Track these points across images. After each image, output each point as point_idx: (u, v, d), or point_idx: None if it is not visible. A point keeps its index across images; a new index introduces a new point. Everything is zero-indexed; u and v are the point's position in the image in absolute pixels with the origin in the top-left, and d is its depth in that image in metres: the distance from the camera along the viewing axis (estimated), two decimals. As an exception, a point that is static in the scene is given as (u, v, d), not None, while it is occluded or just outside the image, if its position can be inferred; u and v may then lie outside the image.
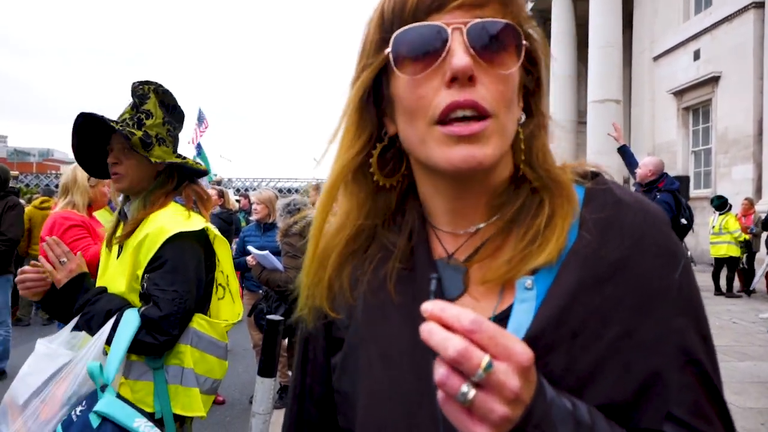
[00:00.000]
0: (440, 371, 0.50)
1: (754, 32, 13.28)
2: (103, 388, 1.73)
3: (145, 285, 1.94)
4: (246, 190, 26.47)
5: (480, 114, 0.63)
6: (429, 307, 0.51)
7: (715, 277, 10.71)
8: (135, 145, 1.96)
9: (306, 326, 0.86)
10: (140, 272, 1.95)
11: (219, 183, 11.81)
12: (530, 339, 0.62)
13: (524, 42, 0.67)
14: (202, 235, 2.05)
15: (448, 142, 0.64)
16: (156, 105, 2.10)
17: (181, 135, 2.24)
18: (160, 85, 2.15)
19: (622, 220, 0.68)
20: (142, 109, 2.06)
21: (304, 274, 0.82)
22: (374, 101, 0.75)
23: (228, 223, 6.78)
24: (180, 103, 2.23)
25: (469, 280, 0.72)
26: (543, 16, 21.04)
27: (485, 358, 0.48)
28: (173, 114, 2.18)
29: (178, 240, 1.95)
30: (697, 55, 15.28)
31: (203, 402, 2.06)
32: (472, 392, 0.49)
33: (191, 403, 2.00)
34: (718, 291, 10.58)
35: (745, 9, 13.51)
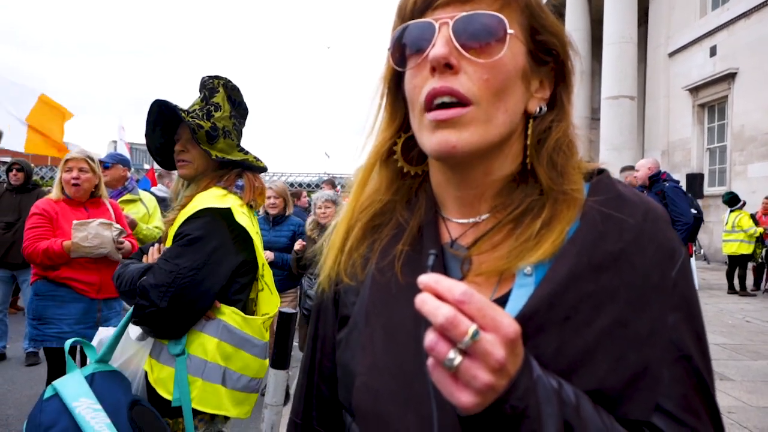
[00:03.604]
0: (430, 337, 0.53)
1: (772, 28, 13.09)
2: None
3: None
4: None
5: (460, 101, 0.68)
6: (424, 279, 0.54)
7: (730, 276, 10.60)
8: (200, 139, 2.04)
9: (320, 299, 0.90)
10: None
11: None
12: (522, 318, 0.64)
13: (510, 31, 0.69)
14: (227, 213, 1.99)
15: (431, 127, 0.70)
16: (224, 99, 2.17)
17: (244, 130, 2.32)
18: (229, 81, 2.22)
19: (623, 215, 0.70)
20: (212, 102, 2.14)
21: (332, 243, 0.87)
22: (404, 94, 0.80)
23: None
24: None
25: (469, 266, 0.75)
26: (558, 12, 20.73)
27: (472, 327, 0.51)
28: (239, 109, 2.25)
29: (201, 215, 1.95)
30: (713, 51, 15.10)
31: (236, 400, 2.00)
32: (458, 359, 0.52)
33: (210, 399, 1.93)
34: (731, 289, 10.48)
35: (763, 5, 13.31)
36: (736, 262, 10.56)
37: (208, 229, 1.94)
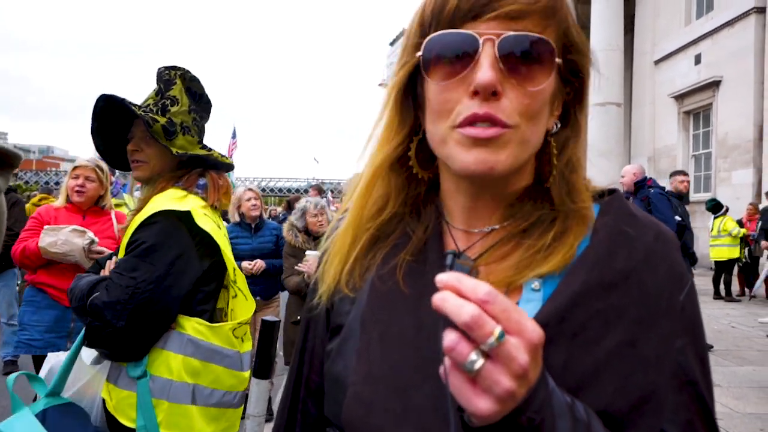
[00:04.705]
0: (450, 337, 0.49)
1: (755, 37, 13.28)
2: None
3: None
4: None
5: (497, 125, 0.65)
6: (445, 277, 0.51)
7: (716, 282, 10.71)
8: (156, 134, 1.81)
9: (312, 311, 0.86)
10: None
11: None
12: None
13: (558, 60, 0.67)
14: (187, 217, 1.76)
15: (466, 143, 0.66)
16: (182, 91, 1.96)
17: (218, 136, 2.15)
18: (188, 71, 2.01)
19: (634, 234, 0.69)
20: (167, 95, 1.93)
21: (335, 252, 0.82)
22: (412, 96, 0.77)
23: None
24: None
25: (476, 277, 0.71)
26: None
27: (497, 328, 0.48)
28: (200, 103, 2.04)
29: (156, 220, 1.72)
30: (698, 60, 15.29)
31: (209, 417, 1.80)
32: (480, 361, 0.49)
33: (179, 422, 1.72)
34: (717, 295, 10.58)
35: (746, 14, 13.51)
36: (722, 268, 10.66)
37: (166, 235, 1.73)
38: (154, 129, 1.81)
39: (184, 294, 1.75)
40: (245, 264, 4.70)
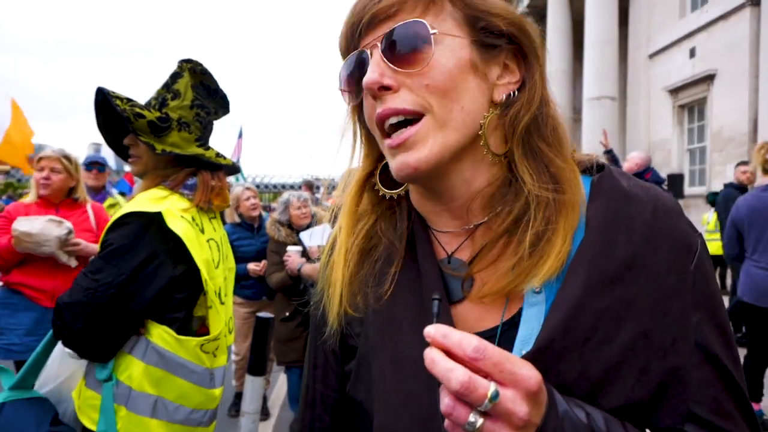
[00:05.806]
0: (445, 401, 0.49)
1: (749, 30, 13.29)
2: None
3: None
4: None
5: (409, 116, 0.66)
6: (432, 332, 0.50)
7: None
8: (139, 130, 1.77)
9: (321, 329, 0.85)
10: None
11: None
12: (540, 349, 0.60)
13: (432, 31, 0.65)
14: (156, 218, 1.70)
15: (391, 152, 0.70)
16: (188, 85, 1.91)
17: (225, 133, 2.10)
18: (199, 64, 1.96)
19: (631, 216, 0.65)
20: (172, 89, 1.91)
21: (335, 279, 0.81)
22: None
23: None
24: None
25: (471, 285, 0.70)
26: (539, 13, 21.03)
27: (491, 388, 0.47)
28: (213, 99, 1.98)
29: (127, 221, 1.69)
30: (692, 53, 15.29)
31: None
32: (479, 421, 0.48)
33: None
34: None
35: (741, 7, 13.51)
36: (717, 262, 10.68)
37: (134, 237, 1.67)
38: (136, 125, 1.76)
39: (151, 299, 1.69)
40: (251, 266, 4.60)
